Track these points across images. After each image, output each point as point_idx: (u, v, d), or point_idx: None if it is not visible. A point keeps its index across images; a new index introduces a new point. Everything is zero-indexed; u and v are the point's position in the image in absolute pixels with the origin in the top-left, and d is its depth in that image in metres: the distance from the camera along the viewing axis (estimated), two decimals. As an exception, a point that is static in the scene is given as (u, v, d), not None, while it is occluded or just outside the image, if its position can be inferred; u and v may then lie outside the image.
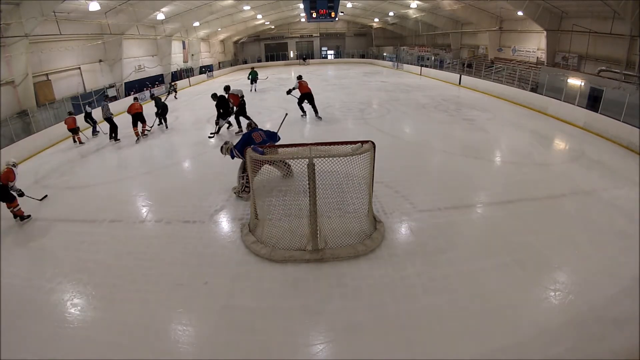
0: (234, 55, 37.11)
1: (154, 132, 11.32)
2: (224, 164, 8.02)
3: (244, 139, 6.04)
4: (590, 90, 10.41)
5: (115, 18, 15.58)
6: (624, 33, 12.50)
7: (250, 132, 6.28)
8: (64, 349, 3.32)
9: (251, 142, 5.90)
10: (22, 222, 5.92)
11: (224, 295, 3.92)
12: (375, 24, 35.16)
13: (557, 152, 8.71)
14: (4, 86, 11.02)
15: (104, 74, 16.85)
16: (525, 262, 4.25)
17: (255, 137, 6.08)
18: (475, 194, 6.14)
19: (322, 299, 3.79)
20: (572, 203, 5.76)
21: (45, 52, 13.13)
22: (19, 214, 5.92)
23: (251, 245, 4.67)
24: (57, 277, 4.34)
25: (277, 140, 6.38)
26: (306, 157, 4.25)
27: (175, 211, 5.85)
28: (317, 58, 38.75)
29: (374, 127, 10.70)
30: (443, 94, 16.22)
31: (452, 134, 9.79)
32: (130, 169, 7.75)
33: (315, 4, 14.07)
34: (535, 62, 17.83)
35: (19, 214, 5.92)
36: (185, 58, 25.79)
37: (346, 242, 4.55)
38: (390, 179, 6.56)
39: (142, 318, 3.64)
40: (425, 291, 3.85)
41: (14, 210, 5.88)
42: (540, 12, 15.60)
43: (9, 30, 10.66)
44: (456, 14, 21.74)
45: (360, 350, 3.17)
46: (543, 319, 3.44)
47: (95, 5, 12.18)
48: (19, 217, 5.92)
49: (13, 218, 5.91)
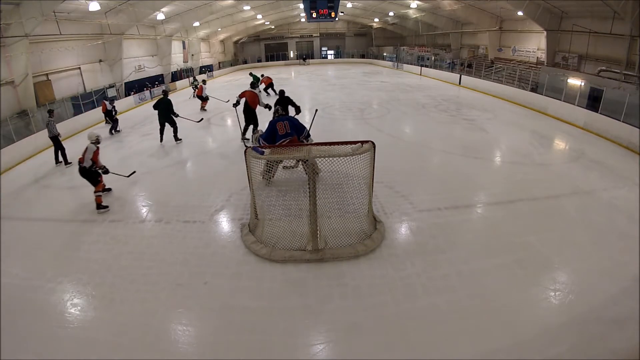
0: (234, 55, 37.12)
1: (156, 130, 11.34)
2: (224, 164, 8.04)
3: (269, 130, 5.89)
4: (590, 90, 10.42)
5: (115, 18, 15.58)
6: (624, 33, 12.49)
7: (275, 121, 5.99)
8: (64, 349, 3.32)
9: (275, 133, 5.77)
10: (98, 211, 5.93)
11: (224, 295, 3.91)
12: (375, 24, 35.16)
13: (557, 152, 8.71)
14: (4, 86, 11.01)
15: (104, 74, 16.85)
16: (525, 262, 4.25)
17: (279, 127, 5.83)
18: (475, 194, 6.14)
19: (322, 299, 3.79)
20: (572, 203, 5.76)
21: (45, 52, 13.12)
22: (97, 202, 5.97)
23: (251, 245, 4.67)
24: (57, 277, 4.34)
25: (305, 134, 6.06)
26: (306, 157, 4.26)
27: (175, 211, 5.85)
28: (317, 58, 38.78)
29: (374, 127, 10.70)
30: (443, 94, 16.23)
31: (452, 134, 9.79)
32: (130, 169, 7.72)
33: (315, 4, 14.07)
34: (535, 62, 17.84)
35: (97, 202, 5.97)
36: (185, 58, 25.78)
37: (346, 242, 4.55)
38: (390, 179, 6.56)
39: (142, 318, 3.64)
40: (425, 291, 3.85)
41: (95, 195, 5.96)
42: (540, 12, 15.60)
43: (9, 30, 10.66)
44: (456, 14, 21.74)
45: (360, 350, 3.17)
46: (543, 319, 3.44)
47: (95, 5, 12.18)
48: (97, 205, 5.96)
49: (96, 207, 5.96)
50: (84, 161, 5.90)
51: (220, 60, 32.79)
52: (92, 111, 13.69)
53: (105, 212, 5.97)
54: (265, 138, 5.86)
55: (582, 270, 4.15)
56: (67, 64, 14.57)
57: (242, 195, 6.20)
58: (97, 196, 6.01)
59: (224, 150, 9.05)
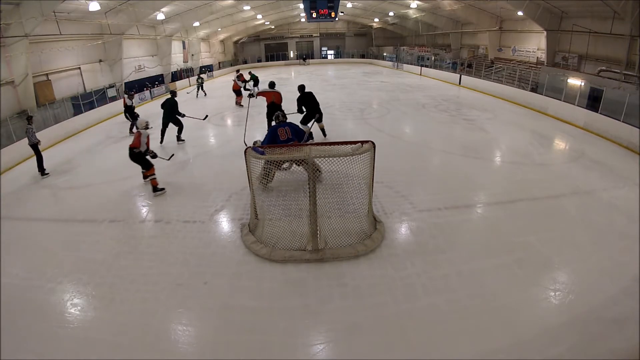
0: (234, 55, 37.12)
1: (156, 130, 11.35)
2: (224, 164, 8.04)
3: (269, 136, 5.87)
4: (590, 90, 10.41)
5: (115, 18, 15.59)
6: (624, 33, 12.49)
7: (276, 127, 5.97)
8: (64, 349, 3.31)
9: (276, 139, 5.75)
10: (155, 193, 6.26)
11: (224, 295, 3.91)
12: (375, 24, 35.16)
13: (557, 152, 8.71)
14: (4, 86, 11.02)
15: (104, 74, 16.86)
16: (525, 262, 4.25)
17: (280, 133, 5.82)
18: (475, 194, 6.14)
19: (322, 299, 3.79)
20: (572, 203, 5.76)
21: (45, 52, 13.13)
22: (153, 184, 6.30)
23: (251, 245, 4.67)
24: (57, 277, 4.34)
25: (305, 139, 6.07)
26: (306, 157, 4.26)
27: (175, 211, 5.85)
28: (317, 58, 38.79)
29: (374, 127, 10.70)
30: (443, 94, 16.23)
31: (452, 134, 9.79)
32: (130, 169, 7.73)
33: (315, 4, 14.07)
34: (535, 62, 17.84)
35: (153, 184, 6.30)
36: (185, 58, 25.78)
37: (346, 242, 4.55)
38: (390, 179, 6.56)
39: (142, 318, 3.64)
40: (425, 291, 3.85)
41: (150, 179, 6.29)
42: (540, 12, 15.60)
43: (9, 30, 10.66)
44: (456, 14, 21.75)
45: (360, 350, 3.17)
46: (543, 319, 3.44)
47: (95, 5, 12.19)
48: (153, 188, 6.26)
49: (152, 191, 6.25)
50: (139, 145, 6.20)
51: (220, 60, 32.79)
52: (92, 111, 13.71)
53: (161, 194, 6.33)
54: (266, 144, 5.85)
55: (582, 270, 4.15)
56: (67, 64, 14.57)
57: (242, 195, 6.20)
58: (152, 179, 6.36)
59: (224, 150, 9.05)
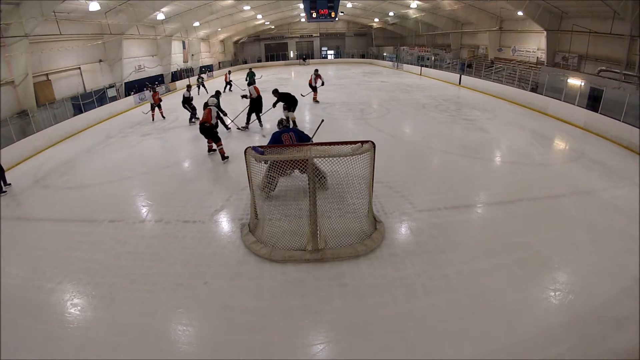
0: (234, 55, 37.11)
1: (156, 130, 11.36)
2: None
3: (273, 141, 5.76)
4: (590, 90, 10.41)
5: (115, 18, 15.58)
6: (624, 33, 12.48)
7: (280, 132, 5.92)
8: (64, 349, 3.32)
9: (280, 144, 5.64)
10: (224, 161, 7.73)
11: (224, 295, 3.92)
12: (375, 24, 35.16)
13: (557, 152, 8.71)
14: (4, 86, 11.01)
15: (104, 74, 16.85)
16: (525, 262, 4.25)
17: (284, 139, 5.74)
18: (475, 194, 6.14)
19: (322, 299, 3.79)
20: (572, 203, 5.76)
21: (45, 52, 13.12)
22: (221, 153, 7.76)
23: (251, 245, 4.67)
24: (57, 277, 4.34)
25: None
26: (306, 157, 4.26)
27: (175, 211, 5.85)
28: (317, 58, 38.75)
29: (374, 127, 10.70)
30: (443, 94, 16.23)
31: (452, 134, 9.79)
32: (130, 169, 7.75)
33: (315, 4, 14.06)
34: (535, 62, 17.82)
35: (221, 153, 7.76)
36: (185, 58, 25.77)
37: (346, 242, 4.55)
38: (390, 179, 6.56)
39: (142, 318, 3.64)
40: (425, 291, 3.85)
41: (219, 148, 7.73)
42: (540, 12, 15.59)
43: (9, 30, 10.65)
44: (456, 14, 21.73)
45: (360, 350, 3.17)
46: (543, 319, 3.44)
47: (95, 5, 12.18)
48: (221, 156, 7.75)
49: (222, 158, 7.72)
50: (210, 120, 7.61)
51: (220, 60, 32.78)
52: (92, 111, 13.72)
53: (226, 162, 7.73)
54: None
55: (582, 270, 4.15)
56: (67, 64, 14.56)
57: (242, 195, 6.21)
58: (221, 148, 7.78)
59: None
